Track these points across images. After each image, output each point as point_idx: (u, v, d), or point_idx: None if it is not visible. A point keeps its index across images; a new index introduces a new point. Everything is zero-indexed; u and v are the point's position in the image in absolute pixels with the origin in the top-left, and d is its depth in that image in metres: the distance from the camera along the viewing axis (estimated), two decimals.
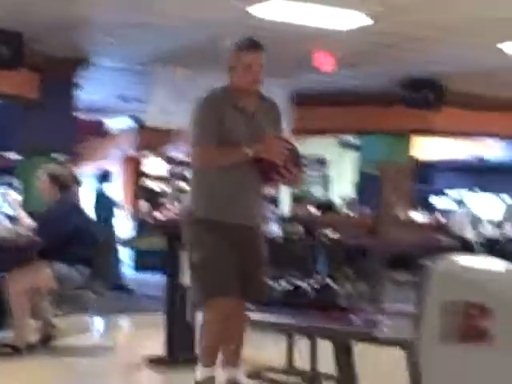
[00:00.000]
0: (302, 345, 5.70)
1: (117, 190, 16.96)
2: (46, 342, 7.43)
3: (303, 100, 14.86)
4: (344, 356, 5.21)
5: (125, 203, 18.15)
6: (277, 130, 5.16)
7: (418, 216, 16.23)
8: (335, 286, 6.11)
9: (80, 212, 8.00)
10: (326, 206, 16.40)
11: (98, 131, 18.80)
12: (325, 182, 19.19)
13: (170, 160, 20.47)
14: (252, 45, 5.08)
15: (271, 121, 5.13)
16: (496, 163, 21.76)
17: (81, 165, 14.85)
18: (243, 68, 4.96)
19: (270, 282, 6.27)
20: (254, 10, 10.15)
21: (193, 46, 12.19)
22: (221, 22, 10.70)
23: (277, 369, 5.80)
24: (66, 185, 7.81)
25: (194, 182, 5.04)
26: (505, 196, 19.55)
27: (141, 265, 15.46)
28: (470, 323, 4.11)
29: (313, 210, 14.97)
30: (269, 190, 9.86)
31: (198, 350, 5.10)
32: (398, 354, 4.60)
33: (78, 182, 8.74)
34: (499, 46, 11.87)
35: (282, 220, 12.89)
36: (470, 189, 20.71)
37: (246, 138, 4.87)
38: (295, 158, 4.92)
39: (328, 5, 9.90)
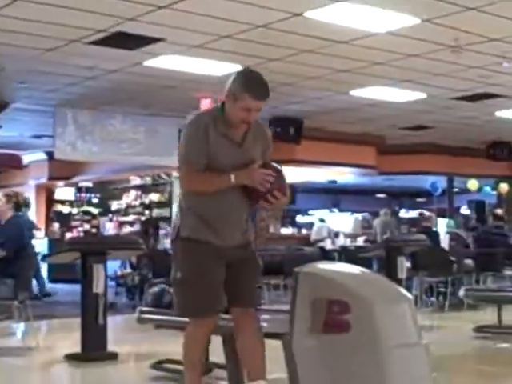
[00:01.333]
0: None
1: (31, 214, 16.73)
2: None
3: None
4: (232, 348, 5.25)
5: (39, 225, 17.93)
6: (265, 155, 4.48)
7: (287, 230, 16.48)
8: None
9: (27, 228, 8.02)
10: None
11: (15, 164, 18.47)
12: None
13: (77, 187, 20.32)
14: (261, 93, 4.23)
15: (259, 147, 4.44)
16: (347, 186, 22.26)
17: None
18: (242, 108, 4.18)
19: (166, 287, 6.31)
20: (149, 63, 10.35)
21: (95, 92, 12.20)
22: (119, 71, 10.78)
23: (177, 360, 5.80)
24: (19, 205, 7.84)
25: (183, 202, 4.38)
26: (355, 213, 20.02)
27: (54, 277, 15.30)
28: (332, 317, 4.23)
29: None
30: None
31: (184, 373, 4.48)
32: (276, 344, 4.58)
33: (28, 204, 8.63)
34: (350, 92, 12.27)
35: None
36: (328, 207, 21.12)
37: (232, 166, 4.22)
38: (280, 184, 4.32)
39: (209, 58, 10.11)
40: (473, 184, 18.18)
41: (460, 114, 14.44)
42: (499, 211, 14.43)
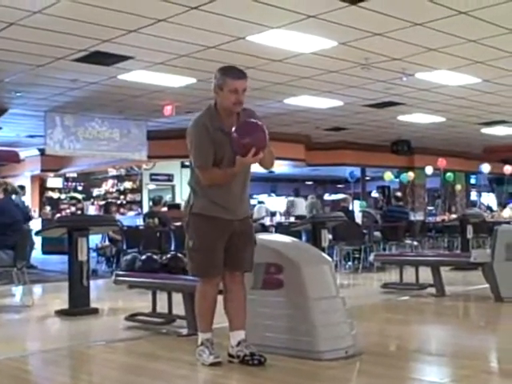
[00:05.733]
0: (162, 296, 5.70)
1: (28, 199, 16.49)
2: None
3: (155, 135, 14.81)
4: (189, 302, 5.22)
5: (33, 208, 17.67)
6: None
7: None
8: (182, 258, 6.18)
9: (19, 209, 7.92)
10: (174, 206, 16.40)
11: (14, 159, 18.24)
12: (172, 190, 19.18)
13: (65, 177, 20.04)
14: (239, 73, 4.11)
15: None
16: (282, 175, 22.30)
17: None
18: (229, 91, 4.02)
19: (137, 255, 6.27)
20: (122, 77, 10.22)
21: (78, 100, 12.03)
22: (98, 83, 10.63)
23: (146, 313, 5.78)
24: (8, 191, 7.72)
25: (193, 184, 4.19)
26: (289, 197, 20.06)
27: (46, 250, 15.05)
28: (269, 276, 4.26)
29: (165, 208, 14.96)
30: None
31: (197, 321, 4.30)
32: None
33: (16, 192, 8.51)
34: (284, 101, 12.28)
35: (144, 215, 12.83)
36: (267, 193, 21.10)
37: (228, 155, 4.04)
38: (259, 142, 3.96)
39: (170, 73, 10.03)
40: (388, 175, 18.46)
41: (370, 118, 14.56)
42: (399, 194, 14.61)
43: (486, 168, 18.85)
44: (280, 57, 9.18)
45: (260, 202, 18.45)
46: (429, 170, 18.64)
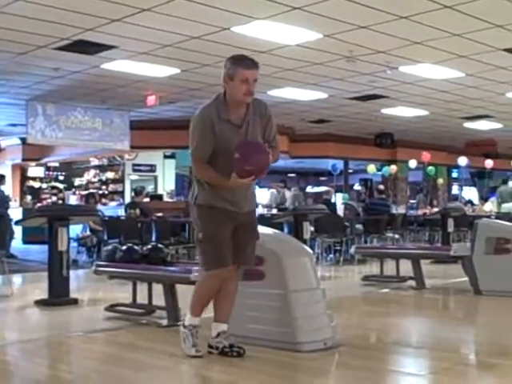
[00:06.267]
0: (143, 287, 5.68)
1: (8, 188, 16.36)
2: None
3: (138, 126, 14.75)
4: (169, 293, 5.24)
5: (14, 197, 17.54)
6: (268, 126, 4.10)
7: None
8: (164, 249, 6.17)
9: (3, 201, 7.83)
10: (156, 196, 16.36)
11: None
12: (154, 180, 19.13)
13: (46, 166, 19.91)
14: (250, 63, 3.93)
15: (259, 122, 4.05)
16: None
17: None
18: (240, 81, 3.86)
19: (118, 246, 6.24)
20: (105, 66, 10.17)
21: (60, 89, 11.94)
22: (80, 72, 10.56)
23: (126, 304, 5.77)
24: None
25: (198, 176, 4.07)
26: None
27: (27, 239, 14.98)
28: (251, 268, 4.26)
29: (147, 199, 14.92)
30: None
31: (191, 302, 4.16)
32: None
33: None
34: (268, 92, 12.26)
35: (126, 206, 12.79)
36: None
37: (231, 147, 3.87)
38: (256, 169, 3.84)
39: (154, 63, 9.98)
40: (371, 168, 18.54)
41: (353, 111, 14.60)
42: (381, 187, 14.67)
43: (462, 161, 18.98)
44: (265, 48, 9.16)
45: None
46: (412, 163, 18.73)
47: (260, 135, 4.05)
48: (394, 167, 19.19)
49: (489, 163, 19.37)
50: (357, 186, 22.94)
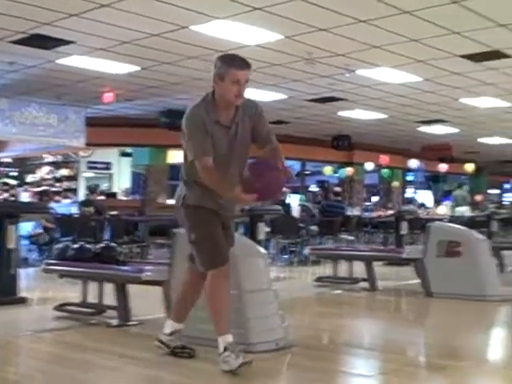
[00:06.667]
0: (94, 286, 5.58)
1: None
2: None
3: (94, 122, 14.56)
4: (121, 293, 5.18)
5: None
6: (259, 126, 3.97)
7: (172, 201, 16.38)
8: (116, 247, 6.10)
9: None
10: (110, 194, 16.19)
11: None
12: (110, 178, 18.93)
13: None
14: (242, 63, 3.79)
15: (249, 123, 3.91)
16: None
17: None
18: (231, 82, 3.72)
19: (69, 244, 6.15)
20: (62, 62, 10.00)
21: (15, 83, 11.71)
22: (36, 67, 10.37)
23: (76, 303, 5.68)
24: None
25: (190, 176, 3.89)
26: None
27: None
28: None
29: (102, 197, 14.75)
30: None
31: (173, 307, 4.10)
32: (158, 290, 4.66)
33: None
34: None
35: (80, 203, 12.62)
36: None
37: (222, 150, 3.79)
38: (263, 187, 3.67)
39: (112, 59, 9.85)
40: (327, 170, 18.68)
41: (312, 113, 14.67)
42: (337, 189, 14.79)
43: (413, 163, 19.27)
44: (224, 48, 9.08)
45: None
46: (369, 166, 18.93)
47: (249, 136, 3.94)
48: (349, 169, 19.36)
49: (443, 167, 19.70)
50: (313, 188, 23.08)
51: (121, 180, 18.45)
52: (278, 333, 4.29)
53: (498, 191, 28.86)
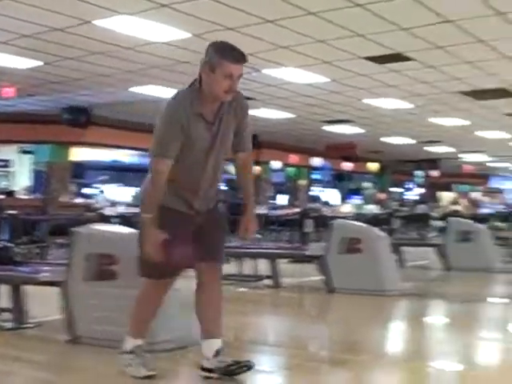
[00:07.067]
0: None
1: None
2: None
3: None
4: (16, 294, 5.00)
5: None
6: (241, 125, 3.56)
7: (77, 200, 16.01)
8: (13, 248, 5.89)
9: None
10: (9, 193, 15.64)
11: None
12: (9, 176, 18.30)
13: None
14: (238, 55, 3.35)
15: (234, 120, 3.52)
16: (130, 165, 21.91)
17: None
18: (223, 75, 3.31)
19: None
20: None
21: None
22: None
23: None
24: None
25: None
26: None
27: None
28: (102, 267, 4.16)
29: (1, 195, 14.23)
30: None
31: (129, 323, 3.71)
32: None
33: None
34: (130, 89, 12.07)
35: None
36: (114, 183, 20.61)
37: (206, 144, 3.42)
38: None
39: (12, 53, 9.48)
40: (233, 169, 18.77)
41: None
42: None
43: (316, 161, 19.66)
44: (130, 44, 8.99)
45: (101, 192, 18.17)
46: (276, 164, 19.14)
47: (231, 134, 3.55)
48: (257, 168, 19.51)
49: (347, 165, 20.19)
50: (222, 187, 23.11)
51: (21, 178, 17.87)
52: (182, 331, 4.26)
53: (400, 189, 29.87)
